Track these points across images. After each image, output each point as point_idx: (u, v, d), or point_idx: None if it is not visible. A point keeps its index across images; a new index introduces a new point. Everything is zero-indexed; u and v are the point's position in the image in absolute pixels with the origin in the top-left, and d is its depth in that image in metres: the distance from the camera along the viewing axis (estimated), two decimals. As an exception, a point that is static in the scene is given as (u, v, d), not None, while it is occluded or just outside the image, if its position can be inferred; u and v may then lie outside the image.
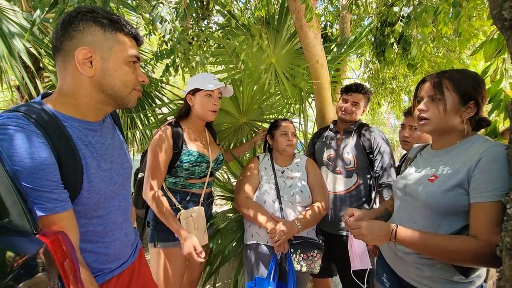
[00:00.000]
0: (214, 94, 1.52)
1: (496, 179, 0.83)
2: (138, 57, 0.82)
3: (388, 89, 3.22)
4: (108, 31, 0.75)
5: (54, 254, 0.60)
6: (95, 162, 0.79)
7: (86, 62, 0.73)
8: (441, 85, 0.97)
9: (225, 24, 2.44)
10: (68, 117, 0.75)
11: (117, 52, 0.77)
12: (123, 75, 0.79)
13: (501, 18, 0.84)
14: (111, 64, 0.77)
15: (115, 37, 0.76)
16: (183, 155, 1.45)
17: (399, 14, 2.06)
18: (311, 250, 1.49)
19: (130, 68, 0.80)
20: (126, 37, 0.79)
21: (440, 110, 0.96)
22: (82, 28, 0.73)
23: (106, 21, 0.75)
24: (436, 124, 0.99)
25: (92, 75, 0.75)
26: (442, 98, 0.96)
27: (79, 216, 0.76)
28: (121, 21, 0.78)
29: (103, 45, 0.75)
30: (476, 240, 0.85)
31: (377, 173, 1.74)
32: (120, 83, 0.79)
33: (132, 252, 0.98)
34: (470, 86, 0.95)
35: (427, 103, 1.00)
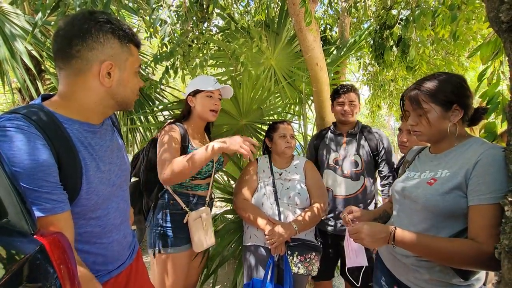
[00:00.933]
0: (214, 95, 1.53)
1: (493, 181, 0.83)
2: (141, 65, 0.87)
3: (387, 91, 3.23)
4: (124, 43, 0.78)
5: (51, 254, 0.60)
6: (94, 164, 0.80)
7: (106, 74, 0.76)
8: (418, 100, 0.99)
9: (225, 27, 2.46)
10: (68, 119, 0.76)
11: (131, 64, 0.81)
12: (133, 85, 0.84)
13: (498, 21, 0.84)
14: (126, 75, 0.80)
15: (129, 49, 0.80)
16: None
17: (397, 17, 2.07)
18: (308, 252, 1.49)
19: (137, 77, 0.85)
20: (135, 48, 0.82)
21: (424, 123, 0.99)
22: (103, 40, 0.74)
23: (121, 33, 0.77)
24: (428, 135, 1.01)
25: (110, 85, 0.78)
26: (423, 113, 0.98)
27: (78, 217, 0.77)
28: (131, 32, 0.80)
29: (120, 58, 0.78)
30: (475, 242, 0.85)
31: (383, 174, 1.77)
32: (131, 91, 0.84)
33: (130, 254, 0.98)
34: (447, 92, 0.95)
35: (414, 117, 1.03)
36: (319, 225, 1.69)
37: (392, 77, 2.98)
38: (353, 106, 1.80)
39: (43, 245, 0.58)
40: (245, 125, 2.17)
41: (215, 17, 2.35)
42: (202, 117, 1.53)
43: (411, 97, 1.01)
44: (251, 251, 1.54)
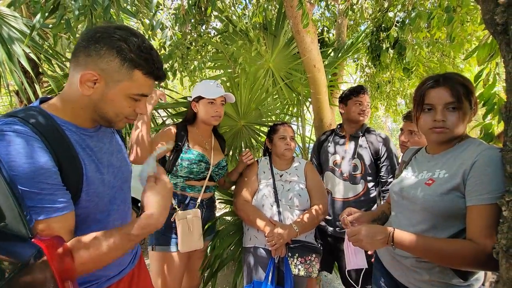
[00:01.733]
0: (216, 101, 1.57)
1: (490, 181, 0.84)
2: (146, 95, 0.80)
3: (384, 93, 3.25)
4: (125, 67, 0.74)
5: (49, 258, 0.59)
6: (94, 165, 0.79)
7: (88, 83, 0.73)
8: (459, 93, 0.94)
9: (223, 30, 2.47)
10: (65, 122, 0.76)
11: (123, 87, 0.75)
12: (118, 107, 0.78)
13: (493, 23, 0.85)
14: (110, 94, 0.76)
15: (130, 74, 0.75)
16: (184, 153, 1.52)
17: (394, 19, 2.09)
18: (309, 254, 1.49)
19: (128, 102, 0.78)
20: (144, 76, 0.76)
21: (460, 118, 0.94)
22: (103, 53, 0.72)
23: (130, 56, 0.73)
24: (453, 133, 0.97)
25: (89, 94, 0.75)
26: (461, 106, 0.94)
27: (79, 219, 0.76)
28: (148, 60, 0.75)
29: (112, 76, 0.74)
30: (473, 243, 0.85)
31: (384, 179, 1.74)
32: (112, 112, 0.79)
33: (132, 259, 0.97)
34: (473, 90, 0.96)
35: (444, 111, 0.95)
36: (319, 225, 1.68)
37: (388, 78, 3.00)
38: (369, 107, 1.82)
39: (41, 249, 0.58)
40: (243, 126, 2.18)
41: (213, 20, 2.37)
42: (205, 122, 1.60)
43: (452, 88, 0.94)
44: (251, 252, 1.54)
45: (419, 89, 1.04)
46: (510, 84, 0.81)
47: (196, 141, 1.59)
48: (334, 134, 1.92)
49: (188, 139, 1.55)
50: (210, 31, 2.40)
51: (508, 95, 0.83)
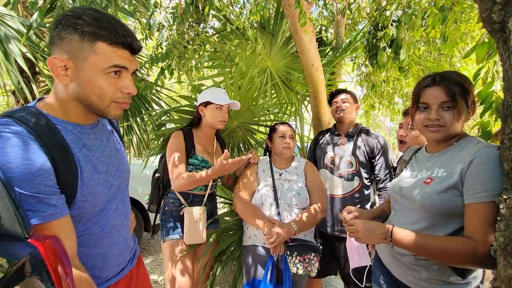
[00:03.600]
0: (223, 107, 1.65)
1: (488, 179, 0.84)
2: (123, 66, 0.73)
3: (378, 92, 3.26)
4: (86, 40, 0.68)
5: (46, 258, 0.59)
6: (90, 165, 0.78)
7: (59, 70, 0.70)
8: (454, 91, 0.94)
9: (221, 29, 2.46)
10: (61, 121, 0.75)
11: (91, 64, 0.70)
12: (98, 88, 0.72)
13: (490, 21, 0.86)
14: (83, 75, 0.71)
15: (93, 47, 0.69)
16: (190, 158, 1.61)
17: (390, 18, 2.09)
18: (308, 252, 1.49)
19: (106, 80, 0.72)
20: (110, 46, 0.70)
21: (455, 117, 0.94)
22: (63, 35, 0.69)
23: (88, 29, 0.68)
24: (448, 132, 0.97)
25: (66, 83, 0.72)
26: (456, 105, 0.94)
27: (75, 220, 0.75)
28: (108, 29, 0.70)
29: (78, 55, 0.69)
30: (471, 241, 0.85)
31: (379, 177, 1.77)
32: (95, 97, 0.73)
33: (130, 259, 0.97)
34: (471, 91, 0.96)
35: (438, 110, 0.96)
36: (319, 225, 1.69)
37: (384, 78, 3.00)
38: (346, 104, 1.84)
39: (38, 249, 0.57)
40: (237, 126, 2.17)
41: (211, 19, 2.36)
42: (212, 126, 1.67)
43: (446, 87, 0.94)
44: (250, 251, 1.54)
45: (416, 87, 1.05)
46: (507, 82, 0.82)
47: (200, 144, 1.67)
48: (330, 133, 1.96)
49: (194, 144, 1.64)
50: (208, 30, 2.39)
51: (506, 94, 0.83)
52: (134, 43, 0.74)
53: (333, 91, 1.96)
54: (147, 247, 3.71)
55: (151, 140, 2.90)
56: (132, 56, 0.76)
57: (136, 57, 2.56)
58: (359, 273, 1.39)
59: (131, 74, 0.77)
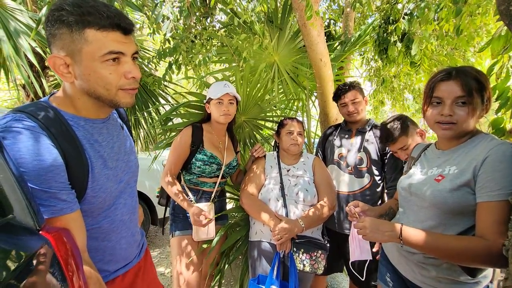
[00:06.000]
0: (224, 101, 1.62)
1: (502, 178, 0.82)
2: (119, 52, 0.70)
3: (388, 87, 3.19)
4: (75, 31, 0.66)
5: (57, 250, 0.60)
6: (101, 161, 0.79)
7: (61, 68, 0.69)
8: (470, 87, 0.90)
9: (227, 23, 2.44)
10: (73, 116, 0.75)
11: (87, 54, 0.68)
12: (101, 79, 0.70)
13: (508, 14, 0.83)
14: (83, 68, 0.69)
15: (83, 35, 0.66)
16: (198, 153, 1.61)
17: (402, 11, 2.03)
18: (314, 250, 1.49)
19: (106, 69, 0.70)
20: (100, 31, 0.67)
21: (469, 114, 0.91)
22: (53, 32, 0.67)
23: (72, 18, 0.65)
24: (460, 129, 0.93)
25: (71, 81, 0.71)
26: (472, 102, 0.90)
27: (85, 215, 0.77)
28: (92, 13, 0.66)
29: (72, 49, 0.67)
30: (483, 240, 0.84)
31: (388, 176, 1.71)
32: (99, 87, 0.71)
33: (138, 253, 0.98)
34: (488, 87, 0.92)
35: (452, 106, 0.92)
36: (326, 222, 1.67)
37: (395, 73, 2.94)
38: (356, 104, 1.74)
39: (49, 241, 0.58)
40: (244, 122, 2.16)
41: (218, 13, 2.34)
42: (216, 121, 1.67)
43: (463, 82, 0.90)
44: (256, 246, 1.54)
45: (430, 81, 1.01)
46: (525, 77, 0.79)
47: (210, 140, 1.67)
48: (340, 128, 1.90)
49: (203, 139, 1.64)
50: (215, 25, 2.38)
51: (523, 89, 0.80)
52: (123, 21, 0.70)
53: (338, 87, 1.84)
54: (154, 240, 3.77)
55: (158, 135, 2.92)
56: (125, 38, 0.72)
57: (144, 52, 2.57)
58: (360, 267, 1.37)
59: (131, 58, 0.74)
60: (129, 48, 0.72)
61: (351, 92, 1.76)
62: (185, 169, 1.66)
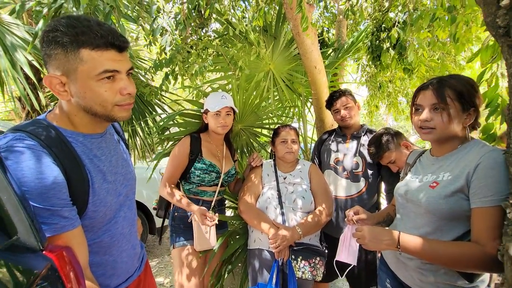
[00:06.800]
0: (221, 112, 1.64)
1: (494, 183, 0.84)
2: (114, 70, 0.72)
3: (385, 92, 3.25)
4: (70, 51, 0.67)
5: (60, 270, 0.60)
6: (100, 175, 0.80)
7: (57, 87, 0.70)
8: (443, 94, 0.95)
9: (223, 32, 2.48)
10: (72, 133, 0.76)
11: (83, 73, 0.69)
12: (96, 96, 0.72)
13: (495, 25, 0.86)
14: (79, 87, 0.70)
15: (78, 55, 0.68)
16: (197, 162, 1.62)
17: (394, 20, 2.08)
18: (313, 257, 1.49)
19: (101, 87, 0.71)
20: (94, 51, 0.69)
21: (444, 119, 0.96)
22: (49, 52, 0.68)
23: (67, 39, 0.66)
24: (439, 133, 0.98)
25: (68, 99, 0.73)
26: (446, 108, 0.95)
27: (86, 230, 0.77)
28: (86, 33, 0.67)
29: (68, 68, 0.69)
30: (478, 245, 0.85)
31: (385, 179, 1.74)
32: (96, 105, 0.73)
33: (139, 266, 0.98)
34: (470, 93, 0.96)
35: (429, 112, 0.98)
36: (324, 228, 1.68)
37: (389, 78, 3.00)
38: (348, 109, 1.79)
39: (52, 260, 0.59)
40: (241, 130, 2.18)
41: (213, 22, 2.37)
42: (214, 131, 1.69)
43: (436, 90, 0.96)
44: (255, 254, 1.55)
45: (416, 90, 1.08)
46: (512, 86, 0.82)
47: (208, 149, 1.69)
48: (335, 134, 1.93)
49: (201, 148, 1.65)
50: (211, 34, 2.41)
51: (511, 97, 0.83)
52: (117, 39, 0.71)
53: (330, 95, 1.90)
54: (152, 249, 3.74)
55: (155, 144, 2.92)
56: (120, 55, 0.73)
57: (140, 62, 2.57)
58: (343, 268, 1.37)
59: (126, 74, 0.75)
60: (123, 65, 0.74)
61: (342, 98, 1.81)
62: (184, 179, 1.66)
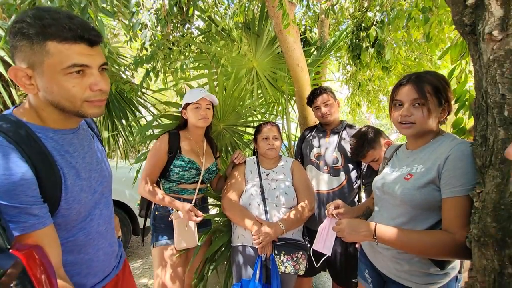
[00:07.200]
0: (201, 105, 1.63)
1: (462, 174, 0.89)
2: (84, 65, 0.69)
3: (365, 90, 3.34)
4: (36, 43, 0.65)
5: (28, 269, 0.58)
6: (73, 172, 0.77)
7: (23, 80, 0.68)
8: (423, 90, 0.99)
9: (206, 29, 2.45)
10: (41, 128, 0.73)
11: (50, 66, 0.66)
12: (64, 91, 0.68)
13: (462, 23, 0.90)
14: (45, 81, 0.67)
15: (45, 48, 0.65)
16: (176, 160, 1.60)
17: (373, 19, 2.14)
18: (295, 251, 1.51)
19: (69, 81, 0.68)
20: (62, 44, 0.66)
21: (424, 114, 0.99)
22: (15, 44, 0.66)
23: (33, 31, 0.64)
24: (419, 128, 1.01)
25: (34, 93, 0.70)
26: (426, 103, 0.98)
27: (59, 228, 0.74)
28: (54, 25, 0.65)
29: (34, 61, 0.66)
30: (448, 233, 0.90)
31: (364, 173, 1.79)
32: (64, 100, 0.70)
33: (116, 264, 0.96)
34: (447, 90, 1.00)
35: (409, 107, 1.01)
36: (307, 222, 1.71)
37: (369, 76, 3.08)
38: (328, 106, 1.84)
39: (20, 259, 0.57)
40: (224, 129, 2.17)
41: (196, 19, 2.34)
42: (195, 125, 1.66)
43: (417, 86, 0.99)
44: (239, 251, 1.55)
45: (394, 86, 1.10)
46: (478, 82, 0.86)
47: (187, 146, 1.66)
48: (316, 129, 1.98)
49: (180, 145, 1.62)
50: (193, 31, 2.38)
51: (477, 93, 0.87)
52: (88, 33, 0.68)
53: (311, 93, 1.95)
54: (136, 250, 3.66)
55: (137, 143, 2.86)
56: (91, 50, 0.70)
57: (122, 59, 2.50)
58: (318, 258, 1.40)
59: (98, 69, 0.73)
60: (95, 60, 0.71)
61: (322, 96, 1.86)
62: (163, 177, 1.63)
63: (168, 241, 1.59)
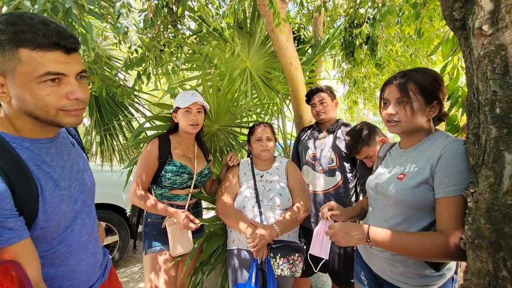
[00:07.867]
0: (192, 110, 1.59)
1: (456, 174, 0.86)
2: (59, 72, 0.66)
3: (361, 88, 3.31)
4: (7, 50, 0.62)
5: (4, 286, 0.56)
6: (51, 182, 0.74)
7: None
8: (406, 88, 0.97)
9: (197, 30, 2.42)
10: (15, 138, 0.70)
11: (22, 74, 0.63)
12: (37, 100, 0.65)
13: (452, 18, 0.87)
14: (17, 89, 0.64)
15: (17, 55, 0.62)
16: (167, 165, 1.56)
17: (365, 16, 2.11)
18: (291, 253, 1.49)
19: (44, 90, 0.65)
20: (35, 51, 0.63)
21: (408, 112, 0.98)
22: None
23: (4, 37, 0.61)
24: (405, 126, 1.00)
25: (7, 101, 0.67)
26: (409, 101, 0.97)
27: (38, 241, 0.72)
28: (27, 31, 0.62)
29: (5, 68, 0.63)
30: (442, 235, 0.87)
31: (360, 172, 1.77)
32: (38, 109, 0.67)
33: (101, 274, 0.93)
34: (433, 86, 0.98)
35: (394, 106, 1.01)
36: (303, 223, 1.68)
37: (364, 73, 3.06)
38: (324, 104, 1.84)
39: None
40: (218, 130, 2.14)
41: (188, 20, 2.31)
42: (184, 130, 1.62)
43: (399, 85, 0.99)
44: (234, 254, 1.53)
45: (383, 84, 1.09)
46: (469, 78, 0.83)
47: (178, 150, 1.63)
48: (312, 128, 1.97)
49: (171, 150, 1.59)
50: (185, 32, 2.35)
51: (468, 89, 0.85)
52: (64, 40, 0.65)
53: (309, 90, 1.95)
54: (134, 254, 3.63)
55: (130, 147, 2.83)
56: (67, 57, 0.67)
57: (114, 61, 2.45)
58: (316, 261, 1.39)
59: (76, 77, 0.70)
60: (71, 67, 0.68)
61: (320, 94, 1.86)
62: (155, 183, 1.60)
63: (161, 247, 1.56)
